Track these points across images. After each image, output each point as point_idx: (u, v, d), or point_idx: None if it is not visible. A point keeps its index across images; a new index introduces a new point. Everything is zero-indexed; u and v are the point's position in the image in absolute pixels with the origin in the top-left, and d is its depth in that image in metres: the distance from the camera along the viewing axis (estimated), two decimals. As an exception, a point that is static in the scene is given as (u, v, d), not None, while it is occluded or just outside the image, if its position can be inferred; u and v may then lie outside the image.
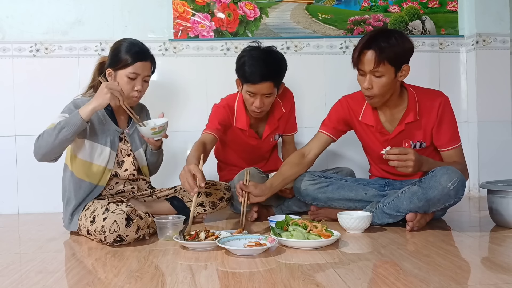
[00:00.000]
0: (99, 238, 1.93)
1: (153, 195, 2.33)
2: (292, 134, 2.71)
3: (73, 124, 1.94)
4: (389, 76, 2.05)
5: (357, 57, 2.06)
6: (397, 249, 1.73)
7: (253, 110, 2.40)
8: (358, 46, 2.06)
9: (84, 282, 1.44)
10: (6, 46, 2.91)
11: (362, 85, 2.10)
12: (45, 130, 1.98)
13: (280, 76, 2.39)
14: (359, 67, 2.08)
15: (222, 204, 2.36)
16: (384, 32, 2.08)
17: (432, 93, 2.21)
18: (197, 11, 3.00)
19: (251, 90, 2.33)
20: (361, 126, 2.27)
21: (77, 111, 1.97)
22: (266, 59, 2.32)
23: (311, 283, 1.36)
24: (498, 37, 3.09)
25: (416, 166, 1.98)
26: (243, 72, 2.34)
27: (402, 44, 2.04)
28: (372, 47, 2.01)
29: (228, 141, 2.59)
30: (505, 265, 1.52)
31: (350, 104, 2.28)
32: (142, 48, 2.16)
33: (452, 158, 2.17)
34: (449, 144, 2.18)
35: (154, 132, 2.09)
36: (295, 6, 3.08)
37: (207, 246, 1.78)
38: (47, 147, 1.95)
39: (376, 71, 2.03)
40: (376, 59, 2.01)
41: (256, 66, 2.29)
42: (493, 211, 2.13)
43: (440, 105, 2.15)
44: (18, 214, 2.89)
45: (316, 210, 2.30)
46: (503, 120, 3.10)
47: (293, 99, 2.65)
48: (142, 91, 2.16)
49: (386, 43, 2.01)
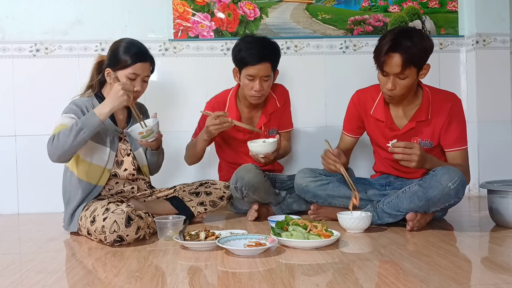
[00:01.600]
0: (99, 238, 1.93)
1: (153, 195, 2.33)
2: (287, 130, 2.71)
3: (91, 126, 1.96)
4: (412, 77, 2.05)
5: (383, 60, 2.03)
6: (397, 249, 1.73)
7: (253, 95, 2.43)
8: (382, 48, 2.03)
9: (84, 282, 1.45)
10: (6, 46, 2.91)
11: (384, 86, 2.09)
12: (60, 132, 1.97)
13: (276, 58, 2.46)
14: (384, 69, 2.05)
15: (222, 203, 2.36)
16: (406, 32, 2.04)
17: (446, 94, 2.22)
18: (197, 11, 3.00)
19: (251, 72, 2.37)
20: (372, 120, 2.29)
21: (93, 112, 1.97)
22: (262, 41, 2.43)
23: (311, 283, 1.36)
24: (498, 37, 3.09)
25: (420, 162, 1.98)
26: (241, 57, 2.39)
27: (425, 44, 2.03)
28: (398, 50, 1.99)
29: (223, 139, 2.61)
30: (505, 265, 1.52)
31: (362, 99, 2.31)
32: (141, 49, 2.16)
33: (456, 160, 2.17)
34: (455, 145, 2.18)
35: (142, 136, 2.09)
36: (295, 6, 3.08)
37: (207, 246, 1.78)
38: (65, 148, 1.95)
39: (402, 74, 2.03)
40: (403, 63, 1.99)
41: (254, 49, 2.37)
42: (493, 211, 2.13)
43: (453, 107, 2.17)
44: (18, 214, 2.89)
45: (316, 209, 2.30)
46: (503, 120, 3.10)
47: (287, 95, 2.68)
48: (141, 91, 2.17)
49: (412, 46, 1.99)
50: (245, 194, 2.31)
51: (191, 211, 2.30)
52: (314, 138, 3.03)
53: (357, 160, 2.95)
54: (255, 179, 2.30)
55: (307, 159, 2.98)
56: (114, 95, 2.00)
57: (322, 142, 2.47)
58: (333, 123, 2.45)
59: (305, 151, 3.01)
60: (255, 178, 2.30)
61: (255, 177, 2.30)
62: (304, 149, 3.02)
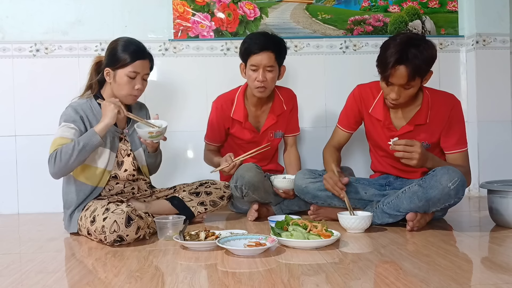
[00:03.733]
0: (99, 238, 1.93)
1: (153, 195, 2.33)
2: (294, 135, 2.72)
3: (93, 144, 2.03)
4: (417, 86, 2.06)
5: (389, 72, 2.00)
6: (397, 249, 1.73)
7: (256, 86, 2.44)
8: (388, 59, 1.98)
9: (84, 282, 1.45)
10: (6, 46, 2.91)
11: (388, 95, 2.08)
12: (61, 151, 2.00)
13: (280, 49, 2.47)
14: (389, 79, 2.03)
15: (222, 203, 2.36)
16: (412, 42, 1.99)
17: (445, 97, 2.22)
18: (197, 11, 3.00)
19: (254, 62, 2.41)
20: (370, 118, 2.30)
21: (94, 131, 2.02)
22: (265, 33, 2.51)
23: (311, 283, 1.36)
24: (498, 37, 3.09)
25: (421, 160, 1.99)
26: (245, 48, 2.45)
27: (430, 52, 2.01)
28: (405, 63, 1.96)
29: (230, 135, 2.63)
30: (505, 265, 1.52)
31: (363, 95, 2.31)
32: (140, 47, 2.17)
33: (457, 161, 2.17)
34: (455, 147, 2.19)
35: (151, 136, 2.11)
36: (295, 6, 3.08)
37: (207, 246, 1.78)
38: (66, 167, 2.01)
39: (408, 85, 2.02)
40: (410, 76, 1.98)
41: (257, 39, 2.44)
42: (493, 211, 2.13)
43: (453, 109, 2.17)
44: (18, 214, 2.89)
45: (316, 210, 2.30)
46: (503, 120, 3.10)
47: (295, 100, 2.69)
48: (142, 89, 2.18)
49: (419, 58, 1.96)
50: (245, 193, 2.31)
51: (191, 211, 2.29)
52: (314, 138, 3.03)
53: (357, 160, 2.96)
54: (255, 178, 2.30)
55: (307, 159, 2.98)
56: (106, 111, 2.06)
57: (322, 142, 2.48)
58: (333, 123, 2.44)
59: (305, 151, 3.01)
60: (255, 177, 2.31)
61: (255, 176, 2.31)
62: (304, 149, 3.02)
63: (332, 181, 2.14)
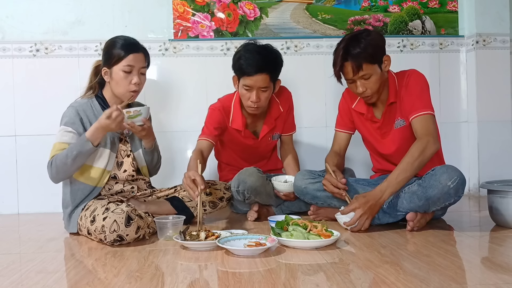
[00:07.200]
0: (99, 238, 1.93)
1: (153, 195, 2.33)
2: (290, 134, 2.69)
3: (85, 152, 2.03)
4: (376, 73, 2.10)
5: (338, 72, 2.12)
6: (397, 249, 1.73)
7: (249, 106, 2.38)
8: (335, 61, 2.12)
9: (84, 282, 1.44)
10: (6, 46, 2.91)
11: (356, 91, 2.15)
12: (57, 158, 2.03)
13: (275, 69, 2.38)
14: (345, 78, 2.14)
15: (222, 204, 2.36)
16: (352, 38, 2.11)
17: (405, 72, 2.22)
18: (197, 11, 3.00)
19: (247, 83, 2.32)
20: (356, 115, 2.32)
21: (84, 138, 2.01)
22: (262, 52, 2.33)
23: (311, 283, 1.36)
24: (498, 37, 3.09)
25: (372, 210, 1.98)
26: (239, 66, 2.33)
27: (372, 41, 2.08)
28: (348, 59, 2.07)
29: (226, 141, 2.58)
30: (505, 265, 1.52)
31: (350, 95, 2.34)
32: (132, 41, 2.18)
33: (417, 127, 2.08)
34: (411, 111, 2.11)
35: (129, 115, 2.05)
36: (295, 6, 3.08)
37: (207, 246, 1.78)
38: (64, 172, 2.06)
39: (363, 75, 2.08)
40: (355, 67, 2.06)
41: (252, 58, 2.30)
42: (493, 211, 2.13)
43: (407, 77, 2.17)
44: (18, 214, 2.89)
45: (316, 210, 2.30)
46: (503, 120, 3.10)
47: (291, 99, 2.64)
48: (140, 83, 2.16)
49: (358, 49, 2.06)
50: (247, 197, 2.31)
51: (191, 212, 2.30)
52: (314, 138, 3.03)
53: (357, 160, 2.95)
54: (257, 182, 2.30)
55: (307, 159, 2.98)
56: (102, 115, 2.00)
57: (321, 142, 2.48)
58: (333, 123, 2.43)
59: (305, 151, 3.01)
60: (257, 181, 2.30)
61: (257, 181, 2.30)
62: (304, 149, 3.02)
63: (331, 182, 2.14)
